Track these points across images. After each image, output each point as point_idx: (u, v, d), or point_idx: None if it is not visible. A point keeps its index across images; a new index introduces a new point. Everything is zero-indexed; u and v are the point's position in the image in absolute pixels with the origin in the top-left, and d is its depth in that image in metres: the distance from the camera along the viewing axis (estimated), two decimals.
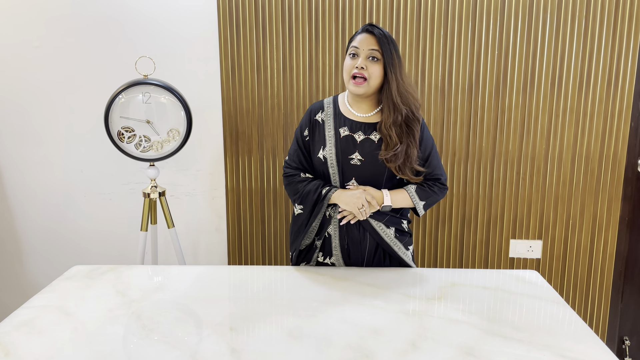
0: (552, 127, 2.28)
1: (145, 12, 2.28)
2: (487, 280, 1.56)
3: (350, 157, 1.61)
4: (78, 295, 1.45)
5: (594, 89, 2.24)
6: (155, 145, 2.05)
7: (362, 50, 1.54)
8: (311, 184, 1.65)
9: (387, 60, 1.53)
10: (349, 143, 1.62)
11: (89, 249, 2.52)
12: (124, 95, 1.99)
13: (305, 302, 1.40)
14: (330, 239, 1.69)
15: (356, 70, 1.53)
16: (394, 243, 1.68)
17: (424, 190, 1.64)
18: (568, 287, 2.43)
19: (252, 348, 1.16)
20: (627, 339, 2.46)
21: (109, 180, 2.44)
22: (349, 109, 1.65)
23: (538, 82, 2.25)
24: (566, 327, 1.27)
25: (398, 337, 1.21)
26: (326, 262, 1.73)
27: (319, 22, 2.25)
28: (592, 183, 2.32)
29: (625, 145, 2.27)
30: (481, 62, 2.25)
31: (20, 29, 2.30)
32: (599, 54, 2.21)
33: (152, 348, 1.16)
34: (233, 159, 2.40)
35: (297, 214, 1.71)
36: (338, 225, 1.66)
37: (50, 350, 1.15)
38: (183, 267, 1.68)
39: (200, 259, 2.52)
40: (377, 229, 1.65)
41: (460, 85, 2.27)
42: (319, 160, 1.65)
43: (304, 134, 1.70)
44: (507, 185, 2.35)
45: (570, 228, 2.37)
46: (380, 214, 1.64)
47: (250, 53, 2.30)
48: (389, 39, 1.55)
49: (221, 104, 2.35)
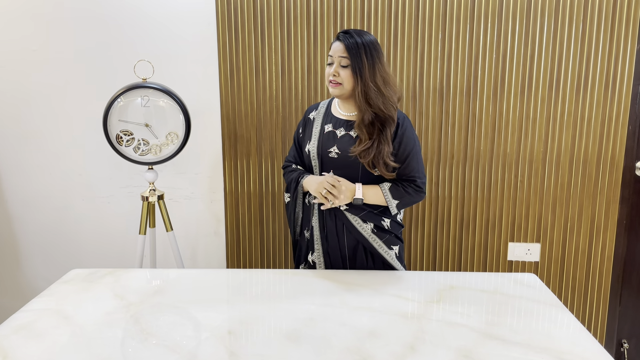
0: (550, 130, 2.29)
1: (144, 15, 2.28)
2: (485, 283, 1.56)
3: (329, 151, 1.73)
4: (76, 298, 1.45)
5: (592, 92, 2.25)
6: (154, 149, 2.05)
7: (335, 58, 1.68)
8: (294, 173, 1.82)
9: (354, 66, 1.65)
10: (329, 138, 1.75)
11: (87, 253, 2.52)
12: (123, 98, 1.99)
13: (304, 305, 1.40)
14: (313, 231, 1.79)
15: (332, 77, 1.68)
16: (373, 239, 1.74)
17: (397, 190, 1.71)
18: (566, 290, 2.43)
19: (250, 351, 1.16)
20: (625, 342, 2.46)
21: (107, 184, 2.44)
22: (337, 109, 1.79)
23: (536, 85, 2.25)
24: (564, 330, 1.27)
25: (396, 340, 1.21)
26: (308, 259, 1.81)
27: (317, 25, 2.26)
28: (590, 186, 2.33)
29: (623, 148, 2.28)
30: (479, 65, 2.25)
31: (18, 32, 2.30)
32: (596, 58, 2.22)
33: (151, 351, 1.16)
34: (232, 162, 2.40)
35: (286, 202, 1.87)
36: (318, 216, 1.77)
37: (49, 354, 1.15)
38: (181, 271, 1.68)
39: (199, 262, 2.52)
40: (352, 222, 1.73)
41: (458, 89, 2.28)
42: (306, 153, 1.80)
43: (299, 131, 1.87)
44: (505, 188, 2.35)
45: (568, 231, 2.38)
46: (356, 208, 1.72)
47: (249, 56, 2.30)
48: (359, 45, 1.64)
49: (220, 107, 2.35)
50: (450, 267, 2.45)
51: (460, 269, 2.44)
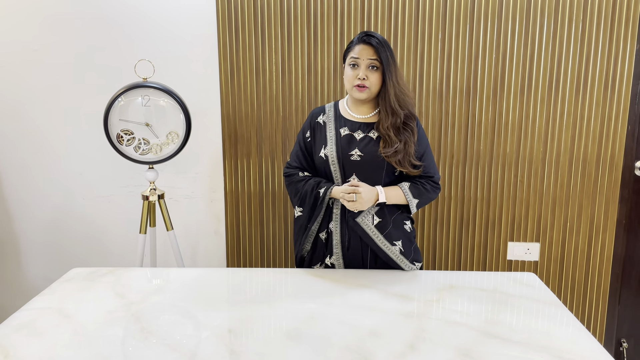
0: (549, 129, 2.29)
1: (145, 15, 2.28)
2: (485, 283, 1.57)
3: (350, 154, 1.68)
4: (77, 297, 1.45)
5: (591, 91, 2.25)
6: (154, 148, 2.05)
7: (362, 61, 1.62)
8: (308, 184, 1.72)
9: (386, 68, 1.62)
10: (348, 141, 1.70)
11: (88, 252, 2.52)
12: (124, 98, 2.00)
13: (304, 304, 1.40)
14: (332, 236, 1.73)
15: (359, 81, 1.62)
16: (374, 234, 1.69)
17: (417, 188, 1.70)
18: (565, 290, 2.44)
19: (250, 350, 1.17)
20: (624, 342, 2.46)
21: (108, 183, 2.45)
22: (349, 112, 1.74)
23: (535, 85, 2.26)
24: (564, 329, 1.28)
25: (396, 338, 1.21)
26: (326, 262, 1.75)
27: (317, 25, 2.26)
28: (590, 186, 2.33)
29: (622, 147, 2.28)
30: (479, 65, 2.26)
31: (19, 32, 2.31)
32: (595, 57, 2.22)
33: (151, 350, 1.17)
34: (232, 162, 2.41)
35: (297, 216, 1.77)
36: (339, 221, 1.71)
37: (50, 352, 1.15)
38: (182, 270, 1.69)
39: (199, 261, 2.53)
40: (379, 245, 1.69)
41: (458, 88, 2.28)
42: (321, 159, 1.72)
43: (306, 136, 1.78)
44: (504, 188, 2.36)
45: (567, 230, 2.38)
46: (382, 223, 1.69)
47: (250, 56, 2.30)
48: (385, 46, 1.63)
49: (220, 107, 2.36)
50: (450, 267, 2.45)
51: (460, 268, 2.45)
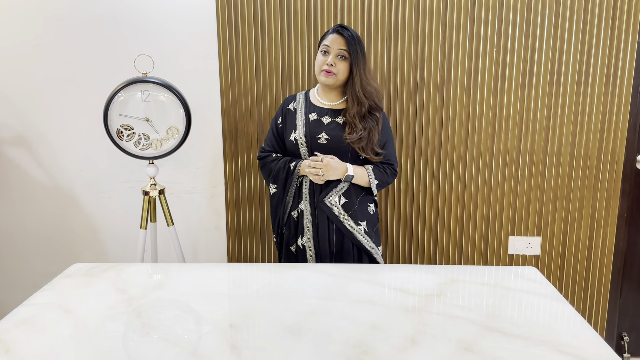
0: (550, 123, 2.29)
1: (144, 9, 2.27)
2: (486, 277, 1.56)
3: (318, 137, 1.84)
4: (78, 293, 1.45)
5: (593, 85, 2.24)
6: (155, 143, 2.05)
7: (332, 49, 1.79)
8: (280, 162, 1.90)
9: (353, 60, 1.78)
10: (316, 125, 1.86)
11: (88, 247, 2.53)
12: (123, 93, 1.99)
13: (305, 299, 1.40)
14: (302, 215, 1.86)
15: (326, 66, 1.79)
16: (341, 214, 1.85)
17: (379, 171, 1.89)
18: (567, 284, 2.44)
19: (251, 344, 1.17)
20: (625, 335, 2.46)
21: (108, 179, 2.45)
22: (318, 99, 1.91)
23: (537, 78, 2.25)
24: (565, 323, 1.28)
25: (397, 333, 1.21)
26: (298, 243, 1.88)
27: (317, 20, 2.25)
28: (591, 179, 2.32)
29: (624, 141, 2.28)
30: (479, 59, 2.25)
31: (18, 28, 2.30)
32: (597, 51, 2.21)
33: (152, 345, 1.17)
34: (232, 157, 2.40)
35: (272, 193, 1.95)
36: (309, 200, 1.87)
37: (51, 348, 1.15)
38: (182, 265, 1.69)
39: (200, 256, 2.53)
40: (346, 225, 1.85)
41: (458, 82, 2.27)
42: (291, 142, 1.89)
43: (278, 122, 1.96)
44: (505, 182, 2.35)
45: (569, 224, 2.38)
46: (348, 203, 1.86)
47: (249, 51, 2.30)
48: (356, 40, 1.79)
49: (220, 102, 2.35)
50: (451, 261, 2.45)
51: (461, 262, 2.45)
